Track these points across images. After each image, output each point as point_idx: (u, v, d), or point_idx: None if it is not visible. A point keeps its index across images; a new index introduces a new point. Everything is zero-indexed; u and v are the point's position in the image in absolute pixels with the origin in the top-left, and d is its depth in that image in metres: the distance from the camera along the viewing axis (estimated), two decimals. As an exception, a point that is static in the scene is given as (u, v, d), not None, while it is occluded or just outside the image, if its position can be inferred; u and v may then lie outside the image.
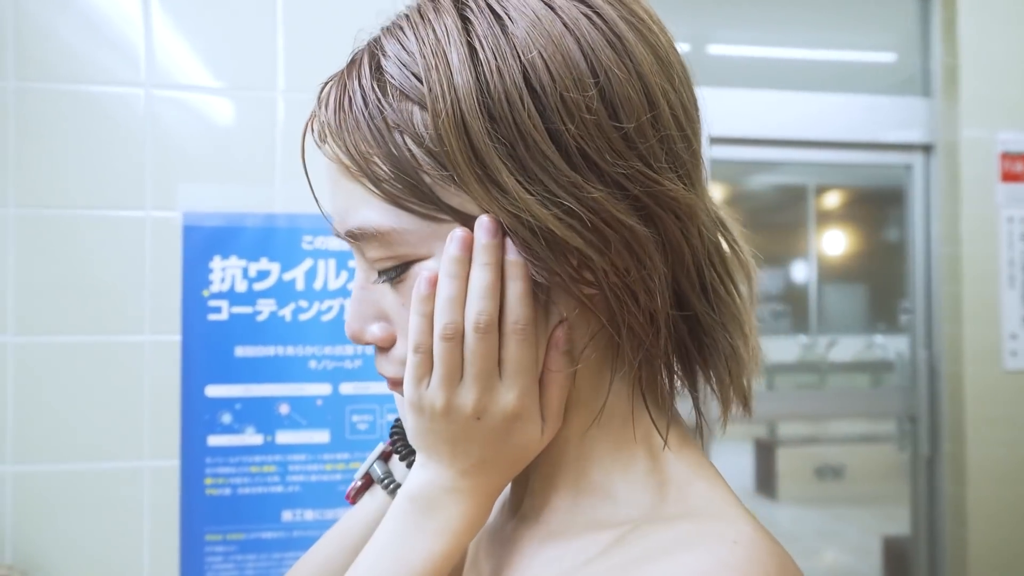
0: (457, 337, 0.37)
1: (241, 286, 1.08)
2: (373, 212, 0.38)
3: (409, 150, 0.36)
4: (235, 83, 1.11)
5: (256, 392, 1.08)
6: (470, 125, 0.35)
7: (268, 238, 1.10)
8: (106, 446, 1.05)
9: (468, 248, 0.37)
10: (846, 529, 3.91)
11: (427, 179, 0.36)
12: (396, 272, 0.39)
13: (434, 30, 0.37)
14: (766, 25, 2.04)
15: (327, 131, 0.39)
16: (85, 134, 1.06)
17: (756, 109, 1.69)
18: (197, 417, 1.06)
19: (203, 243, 1.08)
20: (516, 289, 0.37)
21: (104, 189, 1.06)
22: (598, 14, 0.37)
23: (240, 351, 1.08)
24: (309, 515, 1.08)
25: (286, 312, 1.10)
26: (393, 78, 0.37)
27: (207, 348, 1.07)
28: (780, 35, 2.08)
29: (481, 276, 0.37)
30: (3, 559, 1.01)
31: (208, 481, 1.07)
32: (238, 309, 1.08)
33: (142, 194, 1.07)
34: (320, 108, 0.40)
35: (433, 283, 0.37)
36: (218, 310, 1.08)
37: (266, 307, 1.09)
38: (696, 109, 0.42)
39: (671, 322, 0.41)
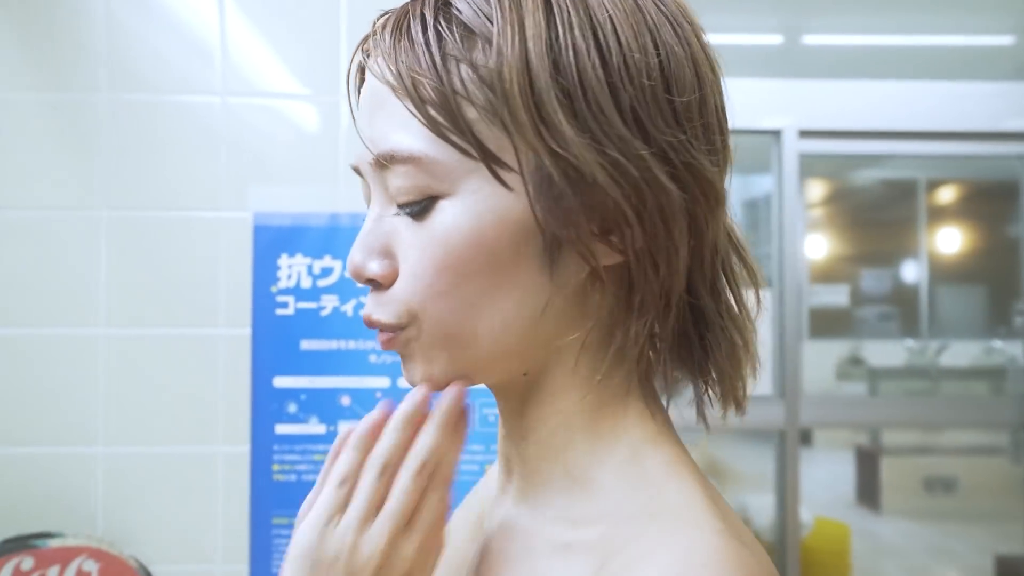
0: (388, 474, 0.39)
1: (306, 282, 1.14)
2: (409, 137, 0.38)
3: (461, 80, 0.37)
4: (302, 88, 1.17)
5: (320, 384, 1.13)
6: (533, 66, 0.36)
7: (332, 237, 1.15)
8: (184, 431, 1.13)
9: (423, 407, 0.40)
10: (957, 546, 3.65)
11: (470, 113, 0.37)
12: (419, 207, 0.39)
13: None
14: (866, 11, 1.94)
15: (379, 50, 0.39)
16: (166, 141, 1.15)
17: (859, 100, 1.62)
18: (266, 406, 1.13)
19: (271, 242, 1.14)
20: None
21: (182, 192, 1.14)
22: (663, 1, 0.39)
23: (305, 344, 1.13)
24: (368, 503, 1.12)
25: (348, 308, 1.15)
26: (461, 13, 0.38)
27: (275, 341, 1.13)
28: (882, 21, 1.97)
29: (434, 434, 0.40)
30: (94, 531, 1.10)
31: (275, 467, 1.13)
32: (303, 304, 1.14)
33: (216, 196, 1.14)
34: (375, 32, 0.40)
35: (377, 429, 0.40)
36: (285, 305, 1.14)
37: (329, 303, 1.14)
38: (726, 115, 0.43)
39: (681, 307, 0.41)
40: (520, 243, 0.38)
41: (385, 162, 0.39)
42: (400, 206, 0.40)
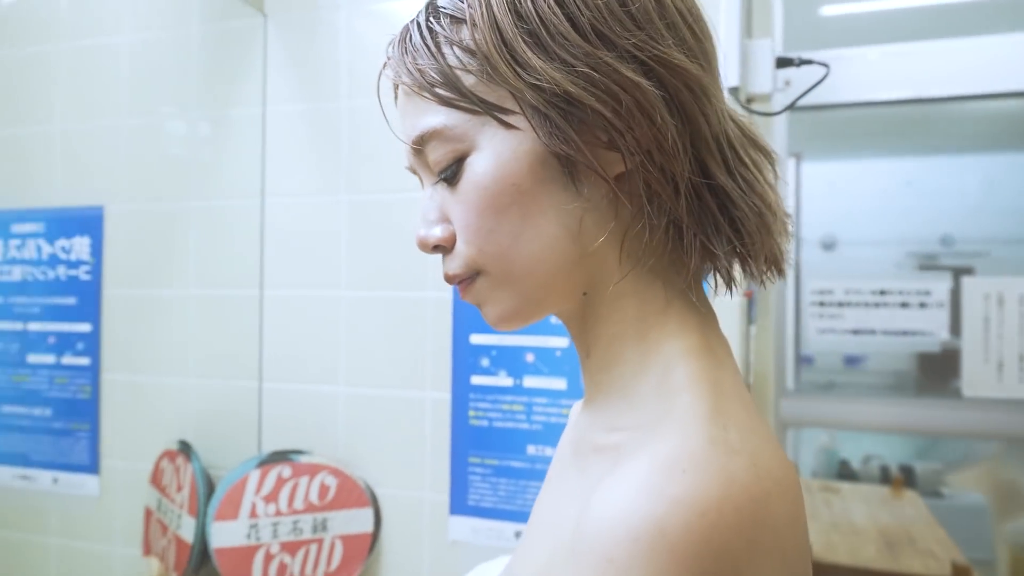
0: None
1: (498, 252, 1.29)
2: (429, 116, 0.47)
3: (456, 56, 0.46)
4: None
5: (508, 341, 1.27)
6: (500, 22, 0.44)
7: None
8: (400, 377, 1.34)
9: None
10: None
11: (469, 80, 0.45)
12: (452, 170, 0.47)
13: None
14: None
15: (393, 61, 0.49)
16: (390, 137, 1.36)
17: None
18: (463, 360, 1.30)
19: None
20: None
21: (403, 178, 1.35)
22: None
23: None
24: (548, 451, 1.24)
25: (533, 274, 1.27)
26: (445, 8, 0.47)
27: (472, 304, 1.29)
28: None
29: None
30: (335, 453, 1.36)
31: (471, 413, 1.29)
32: (495, 271, 1.29)
33: (425, 179, 1.34)
34: (389, 48, 0.51)
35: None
36: (480, 272, 1.29)
37: (517, 270, 1.28)
38: (707, 23, 0.48)
39: (700, 192, 0.45)
40: (538, 170, 0.45)
41: (418, 145, 0.48)
42: (439, 175, 0.48)
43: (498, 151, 0.45)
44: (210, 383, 1.46)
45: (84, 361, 1.55)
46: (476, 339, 1.29)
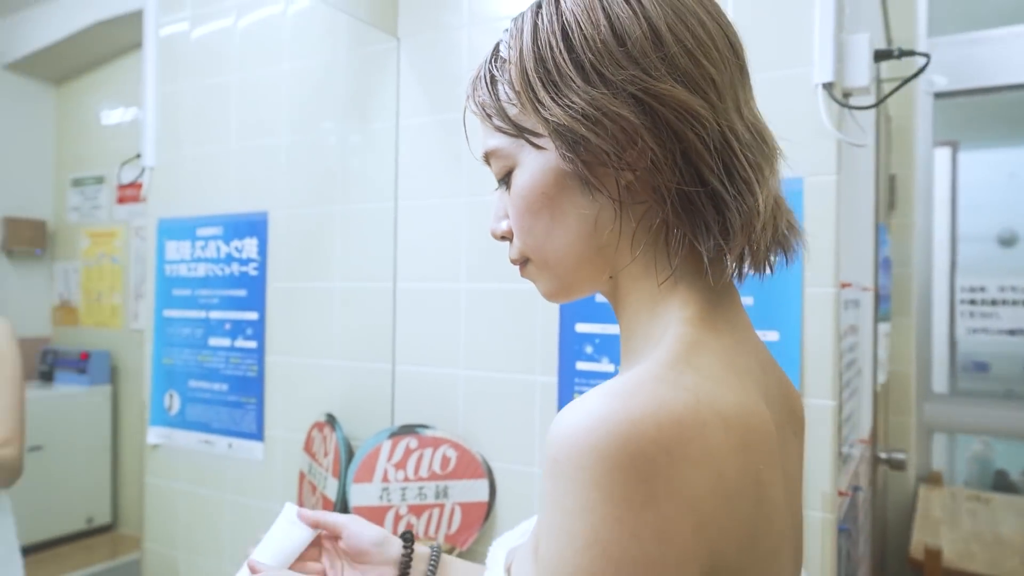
0: None
1: (600, 247, 1.38)
2: (489, 138, 0.61)
3: (505, 92, 0.59)
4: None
5: (610, 330, 1.37)
6: (526, 65, 0.56)
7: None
8: (513, 362, 1.47)
9: None
10: None
11: (512, 111, 0.58)
12: (506, 180, 0.60)
13: (521, 18, 0.60)
14: None
15: (469, 95, 0.63)
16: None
17: None
18: (569, 346, 1.41)
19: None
20: None
21: (513, 179, 1.48)
22: None
23: (600, 297, 1.38)
24: (646, 433, 1.32)
25: (633, 268, 1.36)
26: (499, 51, 0.61)
27: (577, 295, 1.40)
28: None
29: None
30: (456, 429, 1.52)
31: (576, 396, 1.40)
32: (598, 265, 1.38)
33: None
34: (468, 85, 0.64)
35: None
36: (584, 266, 1.40)
37: (619, 264, 1.37)
38: (713, 43, 0.55)
39: (691, 197, 0.53)
40: (561, 181, 0.57)
41: (485, 159, 0.62)
42: (499, 182, 0.62)
43: (532, 167, 0.58)
44: (352, 365, 1.67)
45: (252, 344, 1.81)
46: (581, 328, 1.40)
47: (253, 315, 1.81)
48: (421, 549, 0.81)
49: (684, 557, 0.44)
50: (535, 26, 0.57)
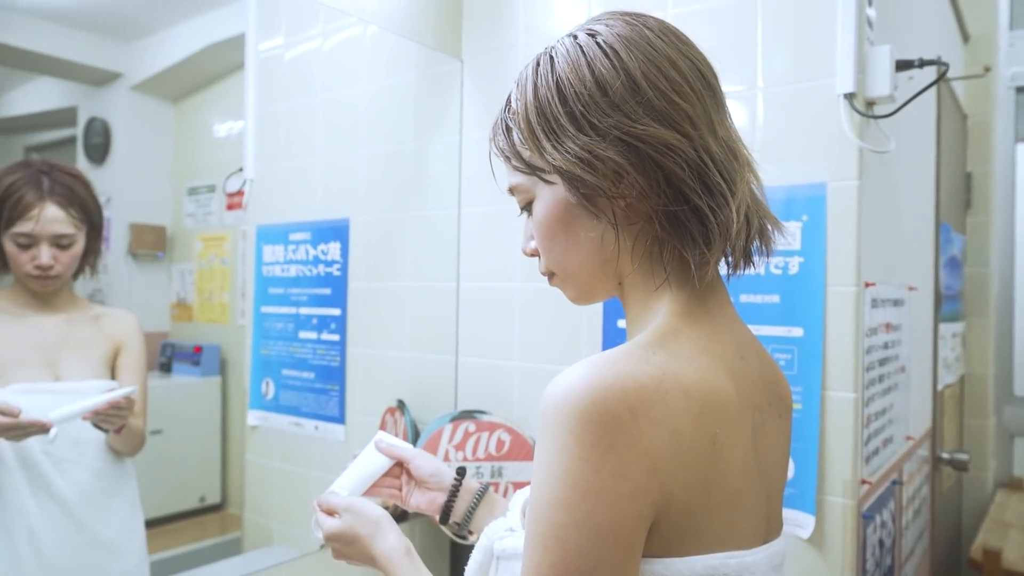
0: None
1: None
2: (511, 177, 0.71)
3: (519, 137, 0.70)
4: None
5: (648, 326, 1.47)
6: (530, 116, 0.67)
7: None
8: (560, 354, 1.60)
9: None
10: None
11: (526, 153, 0.69)
12: (527, 209, 0.72)
13: (526, 75, 0.71)
14: None
15: (491, 139, 0.75)
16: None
17: None
18: (612, 341, 1.52)
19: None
20: None
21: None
22: (603, 43, 0.65)
23: (639, 296, 1.49)
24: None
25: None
26: (510, 103, 0.73)
27: (618, 293, 1.51)
28: None
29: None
30: (510, 415, 1.66)
31: (618, 387, 1.51)
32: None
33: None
34: (489, 131, 0.76)
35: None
36: (625, 267, 1.51)
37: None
38: (685, 80, 0.65)
39: (677, 215, 0.63)
40: (571, 210, 0.68)
41: (510, 192, 0.75)
42: (522, 210, 0.75)
43: (546, 199, 0.70)
44: (420, 356, 1.84)
45: (335, 338, 2.02)
46: (622, 324, 1.51)
47: (336, 311, 2.01)
48: (471, 483, 0.97)
49: (636, 492, 0.55)
50: (535, 83, 0.68)
